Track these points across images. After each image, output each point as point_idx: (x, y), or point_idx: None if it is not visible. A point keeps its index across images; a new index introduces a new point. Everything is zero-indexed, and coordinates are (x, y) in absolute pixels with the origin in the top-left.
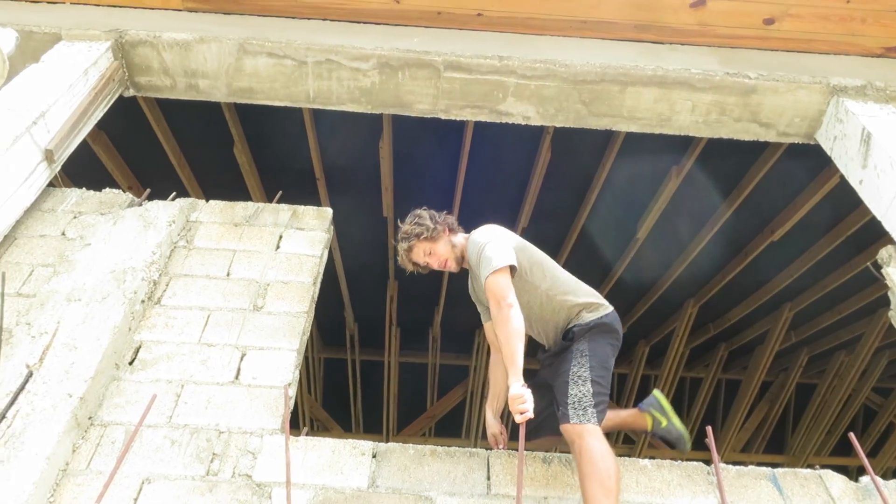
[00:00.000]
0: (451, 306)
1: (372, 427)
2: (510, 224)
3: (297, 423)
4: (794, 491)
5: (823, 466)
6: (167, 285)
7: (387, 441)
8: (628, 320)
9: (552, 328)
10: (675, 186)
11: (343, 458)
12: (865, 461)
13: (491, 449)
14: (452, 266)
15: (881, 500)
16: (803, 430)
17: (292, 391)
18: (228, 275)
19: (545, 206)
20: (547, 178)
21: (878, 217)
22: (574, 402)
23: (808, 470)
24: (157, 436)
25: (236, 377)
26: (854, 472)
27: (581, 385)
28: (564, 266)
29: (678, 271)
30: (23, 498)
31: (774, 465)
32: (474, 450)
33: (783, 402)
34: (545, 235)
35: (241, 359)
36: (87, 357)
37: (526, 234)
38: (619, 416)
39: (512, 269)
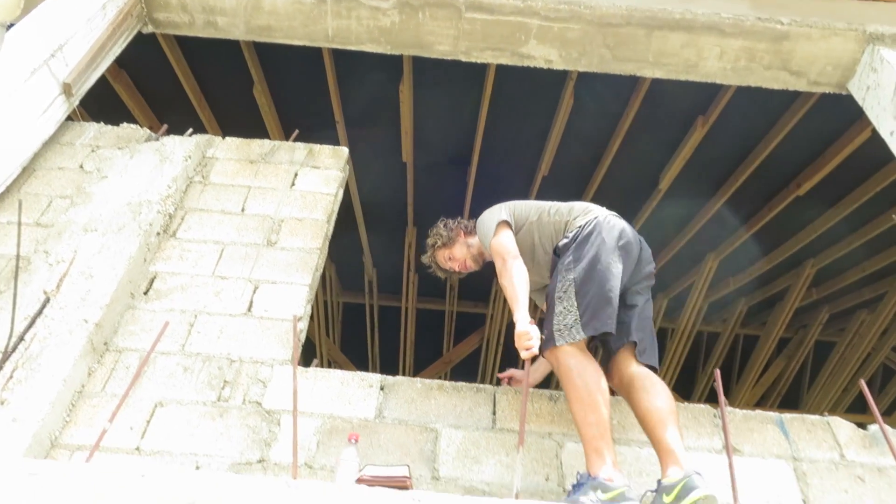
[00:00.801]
0: None
1: (388, 371)
2: (530, 172)
3: (311, 359)
4: (801, 436)
5: None
6: (182, 219)
7: None
8: None
9: (550, 258)
10: (701, 137)
11: (351, 389)
12: (874, 407)
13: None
14: (472, 265)
15: (888, 447)
16: (819, 387)
17: (303, 324)
18: (243, 210)
19: (566, 155)
20: (569, 125)
21: None
22: (558, 321)
23: (817, 416)
24: (171, 362)
25: (248, 309)
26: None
27: (564, 300)
28: None
29: (700, 224)
30: (40, 416)
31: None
32: (481, 385)
33: (801, 358)
34: (566, 184)
35: (254, 291)
36: (102, 285)
37: (546, 182)
38: None
39: (509, 225)
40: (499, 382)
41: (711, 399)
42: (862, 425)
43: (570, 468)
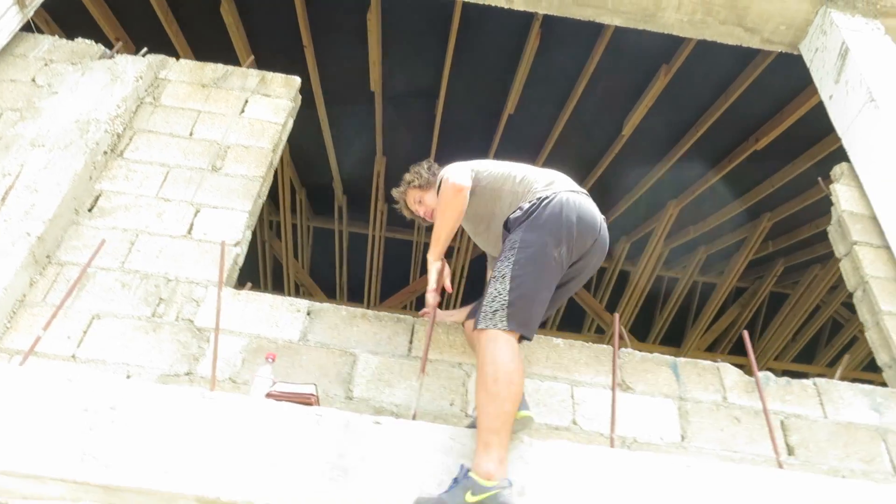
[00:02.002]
0: None
1: (355, 296)
2: (497, 110)
3: (281, 285)
4: (691, 379)
5: (784, 372)
6: (131, 139)
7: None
8: (611, 215)
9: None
10: (663, 85)
11: (280, 312)
12: (752, 357)
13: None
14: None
15: (759, 394)
16: (770, 336)
17: (241, 249)
18: (191, 134)
19: (532, 95)
20: (535, 67)
21: (840, 134)
22: (487, 303)
23: (709, 361)
24: (109, 278)
25: (189, 232)
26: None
27: (499, 282)
28: (548, 160)
29: (661, 171)
30: None
31: (736, 367)
32: (401, 316)
33: (754, 308)
34: (530, 126)
35: (195, 215)
36: (47, 200)
37: (512, 121)
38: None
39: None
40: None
41: (669, 341)
42: (807, 375)
43: (474, 395)
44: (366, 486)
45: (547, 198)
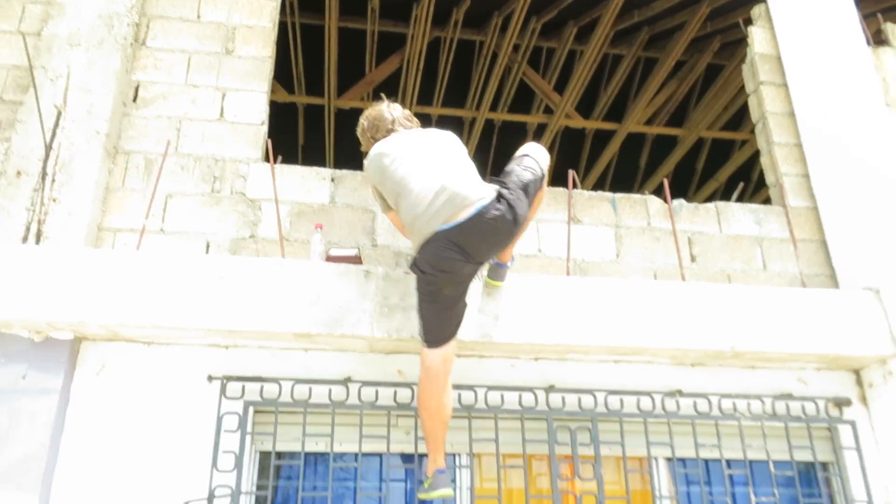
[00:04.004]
0: None
1: (313, 90)
2: None
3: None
4: (625, 210)
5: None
6: (147, 27)
7: (328, 104)
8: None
9: None
10: None
11: (310, 181)
12: (668, 194)
13: None
14: None
15: (681, 216)
16: (703, 107)
17: (265, 128)
18: (199, 17)
19: None
20: None
21: None
22: (418, 322)
23: (638, 195)
24: (169, 163)
25: (221, 115)
26: (738, 144)
27: (417, 310)
28: None
29: None
30: (87, 210)
31: (671, 138)
32: None
33: (691, 82)
34: None
35: (223, 99)
36: (102, 99)
37: None
38: None
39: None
40: None
41: (610, 117)
42: (734, 142)
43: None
44: (409, 317)
45: (417, 255)
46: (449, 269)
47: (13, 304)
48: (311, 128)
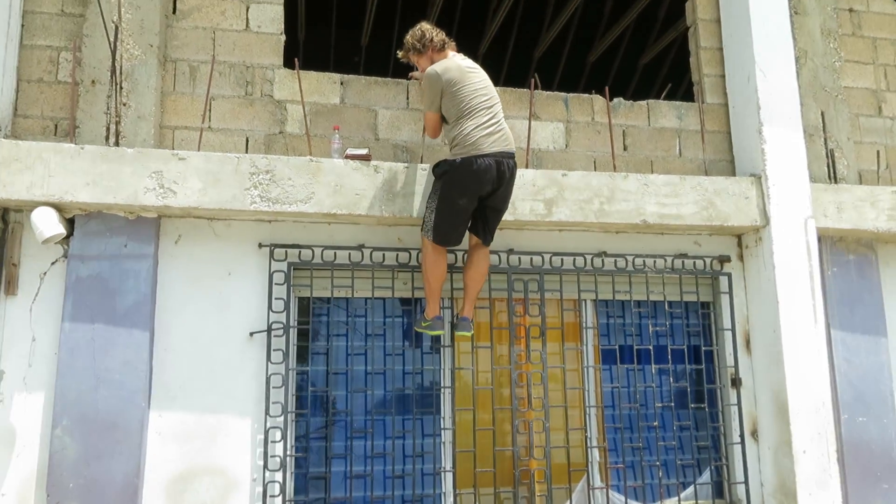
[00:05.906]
0: None
1: None
2: None
3: None
4: (575, 108)
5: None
6: None
7: None
8: None
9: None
10: None
11: (323, 84)
12: (607, 97)
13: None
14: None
15: (619, 113)
16: None
17: (283, 36)
18: None
19: None
20: None
21: None
22: (424, 218)
23: (586, 94)
24: (208, 69)
25: (247, 27)
26: None
27: (428, 204)
28: None
29: None
30: (151, 112)
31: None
32: (401, 80)
33: None
34: None
35: (247, 11)
36: (149, 14)
37: None
38: None
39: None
40: (410, 79)
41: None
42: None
43: None
44: (407, 201)
45: (463, 160)
46: (485, 177)
47: (112, 192)
48: (310, 22)
